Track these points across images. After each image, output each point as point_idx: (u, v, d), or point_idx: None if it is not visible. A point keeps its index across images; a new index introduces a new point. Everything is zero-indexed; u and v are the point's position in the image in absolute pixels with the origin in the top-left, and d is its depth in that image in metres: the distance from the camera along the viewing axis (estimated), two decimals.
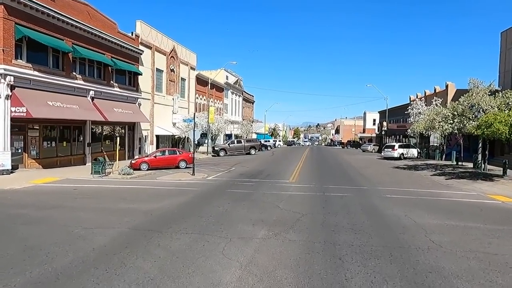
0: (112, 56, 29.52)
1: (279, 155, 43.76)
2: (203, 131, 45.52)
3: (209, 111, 44.26)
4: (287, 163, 31.20)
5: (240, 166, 28.55)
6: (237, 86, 72.25)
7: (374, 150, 58.10)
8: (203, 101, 52.93)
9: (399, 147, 38.66)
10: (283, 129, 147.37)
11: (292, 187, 17.04)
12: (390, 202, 13.36)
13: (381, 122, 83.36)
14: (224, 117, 63.98)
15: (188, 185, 17.34)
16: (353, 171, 25.44)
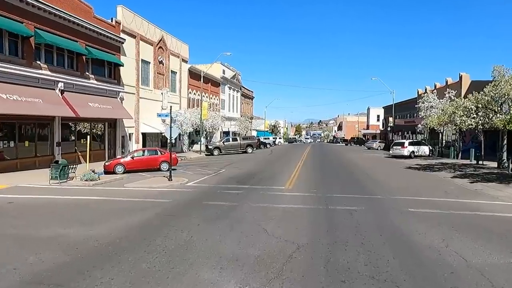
0: (87, 44, 26.14)
1: (277, 154, 40.36)
2: (196, 128, 42.24)
3: (202, 107, 40.87)
4: (285, 164, 27.81)
5: (232, 167, 25.18)
6: (234, 81, 68.79)
7: (380, 147, 54.61)
8: (197, 96, 49.53)
9: (409, 145, 35.19)
10: (284, 126, 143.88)
11: (287, 197, 13.65)
12: (417, 221, 9.96)
13: (386, 118, 79.79)
14: (220, 113, 60.62)
15: (159, 195, 13.99)
16: (360, 173, 22.02)
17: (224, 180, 18.10)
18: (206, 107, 40.86)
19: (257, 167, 24.98)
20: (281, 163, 28.28)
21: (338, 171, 23.06)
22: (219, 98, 59.93)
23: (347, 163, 28.85)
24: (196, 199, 12.93)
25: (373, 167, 25.75)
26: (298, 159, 32.49)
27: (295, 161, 29.73)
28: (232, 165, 27.02)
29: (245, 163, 28.19)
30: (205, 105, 40.73)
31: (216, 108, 56.55)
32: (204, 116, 40.79)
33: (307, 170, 23.35)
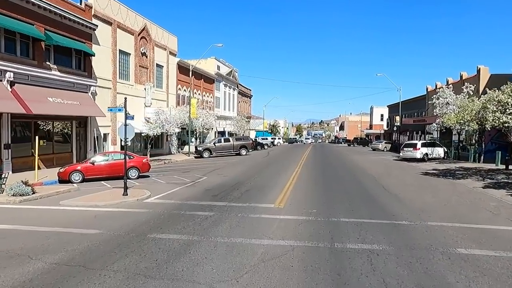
0: (48, 29, 22.18)
1: (274, 156, 36.34)
2: (184, 128, 38.24)
3: (191, 104, 36.88)
4: (280, 169, 23.81)
5: (217, 173, 21.19)
6: (231, 78, 64.78)
7: (386, 148, 50.53)
8: (187, 93, 45.55)
9: (422, 146, 31.11)
10: (284, 126, 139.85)
11: (275, 222, 9.64)
12: (484, 282, 5.92)
13: (390, 117, 75.68)
14: (215, 112, 56.64)
15: (95, 220, 9.99)
16: (371, 182, 17.98)
17: (198, 194, 14.09)
18: (195, 104, 36.87)
19: (247, 174, 20.98)
20: (276, 168, 24.28)
21: (344, 180, 19.02)
22: (213, 95, 55.94)
23: (353, 168, 24.81)
24: (141, 229, 8.91)
25: (385, 174, 21.70)
26: (297, 162, 28.48)
27: (293, 166, 25.73)
28: (218, 170, 23.04)
29: (234, 168, 24.20)
30: (193, 102, 36.74)
31: (209, 106, 52.59)
32: (193, 115, 36.81)
33: (305, 178, 19.36)
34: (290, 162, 28.67)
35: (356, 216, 10.40)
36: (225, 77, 61.22)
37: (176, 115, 38.72)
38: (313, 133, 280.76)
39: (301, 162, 28.61)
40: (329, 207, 11.54)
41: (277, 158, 34.24)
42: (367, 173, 21.68)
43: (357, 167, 25.32)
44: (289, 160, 31.49)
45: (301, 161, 30.03)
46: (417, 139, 50.67)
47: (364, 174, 21.46)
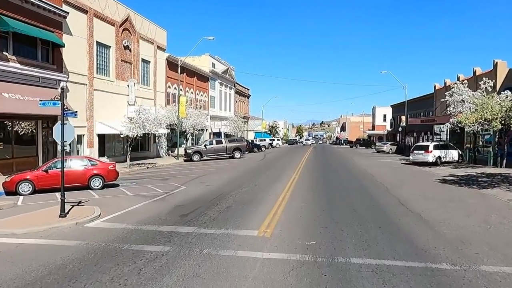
0: (4, 13, 19.09)
1: (270, 160, 33.20)
2: (175, 128, 35.12)
3: (179, 102, 33.75)
4: (275, 176, 20.70)
5: (198, 182, 18.04)
6: (227, 76, 61.69)
7: (391, 150, 47.33)
8: (178, 91, 42.47)
9: (434, 148, 27.90)
10: (284, 127, 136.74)
11: (255, 267, 6.48)
12: None
13: (394, 117, 72.53)
14: (210, 111, 53.56)
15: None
16: (384, 195, 14.81)
17: (163, 213, 10.93)
18: (184, 103, 33.73)
19: (234, 182, 17.84)
20: (270, 175, 21.16)
21: (350, 191, 15.84)
22: (207, 94, 52.84)
23: (360, 175, 21.64)
24: (40, 284, 5.75)
25: (398, 182, 18.53)
26: (294, 167, 25.35)
27: (289, 172, 22.60)
28: (203, 177, 19.92)
29: (221, 175, 21.08)
30: (182, 101, 33.61)
31: (202, 105, 49.48)
32: (182, 114, 33.67)
33: (303, 189, 16.20)
34: (286, 167, 25.53)
35: (373, 252, 7.24)
36: (220, 75, 58.13)
37: (165, 115, 35.70)
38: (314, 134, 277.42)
39: (300, 167, 25.47)
40: (334, 236, 8.38)
41: (273, 162, 31.09)
42: (376, 182, 18.50)
43: (363, 174, 22.14)
44: (286, 164, 28.35)
45: (300, 165, 26.89)
46: (425, 140, 47.52)
47: (373, 183, 18.30)
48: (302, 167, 25.71)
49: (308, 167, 25.95)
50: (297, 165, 27.19)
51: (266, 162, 30.89)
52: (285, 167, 25.88)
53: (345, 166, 27.21)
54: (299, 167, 25.63)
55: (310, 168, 25.29)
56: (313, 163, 29.58)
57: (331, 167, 26.15)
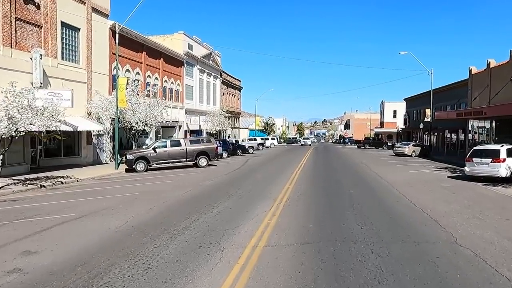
0: None
1: (249, 170, 22.59)
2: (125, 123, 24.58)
3: (118, 85, 23.11)
4: (235, 212, 10.12)
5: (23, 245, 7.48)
6: (209, 62, 51.11)
7: (414, 153, 36.64)
8: (136, 75, 31.99)
9: (508, 155, 17.21)
10: (283, 125, 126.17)
11: None
12: None
13: (409, 112, 61.82)
14: (186, 104, 43.07)
15: None
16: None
17: None
18: (124, 86, 23.05)
19: (124, 242, 7.26)
20: (228, 211, 10.59)
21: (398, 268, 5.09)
22: (181, 83, 42.28)
23: (402, 212, 10.99)
24: None
25: (479, 228, 7.87)
26: (280, 185, 14.85)
27: (266, 203, 11.98)
28: (70, 223, 9.37)
29: (121, 213, 10.48)
30: (122, 83, 22.93)
31: (172, 96, 38.87)
32: (121, 103, 23.09)
33: (284, 259, 5.52)
34: (267, 188, 14.96)
35: None
36: (200, 61, 47.56)
37: (101, 106, 25.27)
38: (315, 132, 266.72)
39: (289, 186, 14.94)
40: None
41: (251, 173, 20.48)
42: (442, 235, 7.80)
43: (407, 208, 11.42)
44: (269, 180, 17.79)
45: (290, 181, 16.34)
46: (458, 138, 36.87)
47: (438, 237, 7.61)
48: (293, 185, 15.19)
49: (303, 184, 15.43)
50: (286, 180, 16.66)
51: (240, 174, 20.28)
52: (264, 186, 15.32)
53: (363, 184, 16.59)
54: (287, 186, 15.07)
55: (306, 187, 14.77)
56: (311, 175, 19.06)
57: (342, 188, 15.55)
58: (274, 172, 20.74)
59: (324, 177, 18.66)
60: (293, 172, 20.29)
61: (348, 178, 18.12)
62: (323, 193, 13.94)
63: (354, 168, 23.75)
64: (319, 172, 20.56)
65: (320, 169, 22.45)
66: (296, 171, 21.04)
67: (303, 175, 18.99)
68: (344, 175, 19.08)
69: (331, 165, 25.66)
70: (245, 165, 25.15)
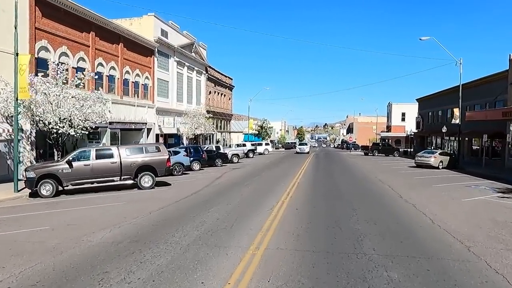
0: None
1: (216, 194, 14.68)
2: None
3: (17, 68, 15.30)
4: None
5: None
6: (191, 54, 43.40)
7: (442, 164, 28.71)
8: (79, 62, 24.28)
9: None
10: (282, 128, 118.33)
11: None
12: None
13: (423, 114, 53.94)
14: (157, 103, 35.39)
15: None
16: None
17: None
18: (24, 67, 15.28)
19: None
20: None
21: None
22: (151, 76, 34.54)
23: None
24: None
25: None
26: (239, 255, 6.96)
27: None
28: None
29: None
30: (22, 63, 15.17)
31: (139, 92, 31.07)
32: (21, 93, 15.27)
33: None
34: (212, 252, 7.08)
35: None
36: (179, 51, 39.85)
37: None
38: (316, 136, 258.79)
39: (255, 252, 7.05)
40: None
41: (206, 206, 12.51)
42: None
43: None
44: (230, 219, 9.94)
45: (265, 231, 8.50)
46: (491, 145, 28.93)
47: None
48: (260, 257, 7.33)
49: (287, 264, 7.60)
50: (257, 229, 8.83)
51: (188, 208, 12.34)
52: (206, 253, 7.43)
53: (408, 238, 8.71)
54: (250, 254, 7.20)
55: (292, 271, 6.94)
56: (307, 217, 11.18)
57: (372, 262, 7.74)
58: (247, 202, 12.85)
59: (330, 220, 10.69)
60: (276, 203, 12.42)
61: (373, 222, 10.16)
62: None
63: (373, 191, 15.83)
64: (319, 205, 12.68)
65: (321, 196, 14.57)
66: (283, 200, 13.17)
67: (290, 213, 11.10)
68: (364, 215, 11.16)
69: (338, 185, 17.75)
70: (210, 186, 17.21)
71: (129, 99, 30.51)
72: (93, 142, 27.52)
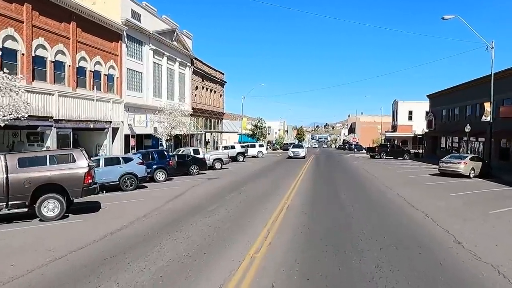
0: None
1: (152, 233, 9.01)
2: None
3: None
4: None
5: None
6: (173, 44, 37.65)
7: (473, 171, 22.87)
8: (6, 41, 18.63)
9: None
10: (281, 129, 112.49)
11: None
12: None
13: (436, 112, 48.16)
14: (127, 97, 29.72)
15: None
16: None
17: None
18: None
19: None
20: None
21: None
22: (118, 65, 28.79)
23: None
24: None
25: None
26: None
27: None
28: None
29: None
30: None
31: (100, 84, 25.28)
32: None
33: None
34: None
35: None
36: (155, 38, 34.08)
37: None
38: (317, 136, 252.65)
39: None
40: None
41: (122, 264, 6.82)
42: None
43: None
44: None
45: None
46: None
47: None
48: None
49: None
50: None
51: (80, 275, 6.66)
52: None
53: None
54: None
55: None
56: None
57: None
58: (187, 260, 7.17)
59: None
60: (240, 263, 6.72)
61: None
62: None
63: (410, 233, 10.10)
64: (320, 268, 6.98)
65: (320, 243, 8.87)
66: (253, 254, 7.46)
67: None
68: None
69: (348, 217, 12.00)
70: (151, 216, 11.39)
71: (86, 92, 24.81)
72: (34, 145, 21.93)
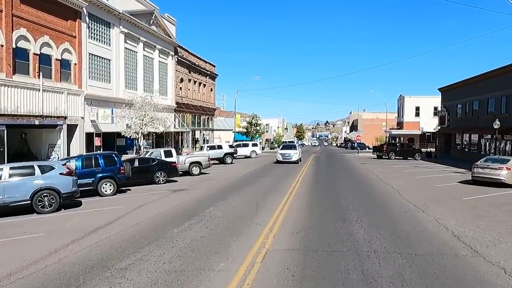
0: None
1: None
2: None
3: None
4: None
5: None
6: (151, 28, 32.61)
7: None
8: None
9: None
10: (280, 126, 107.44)
11: None
12: None
13: (450, 107, 43.19)
14: (89, 88, 24.74)
15: None
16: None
17: None
18: None
19: None
20: None
21: None
22: (76, 49, 23.76)
23: None
24: None
25: None
26: None
27: None
28: None
29: None
30: None
31: (50, 71, 20.33)
32: None
33: None
34: None
35: None
36: (127, 20, 29.02)
37: None
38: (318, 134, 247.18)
39: None
40: None
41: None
42: None
43: None
44: None
45: None
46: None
47: None
48: None
49: None
50: None
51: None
52: None
53: None
54: None
55: None
56: None
57: None
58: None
59: None
60: None
61: None
62: None
63: None
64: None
65: None
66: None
67: None
68: None
69: (363, 267, 7.07)
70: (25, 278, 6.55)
71: (27, 80, 19.85)
72: None
